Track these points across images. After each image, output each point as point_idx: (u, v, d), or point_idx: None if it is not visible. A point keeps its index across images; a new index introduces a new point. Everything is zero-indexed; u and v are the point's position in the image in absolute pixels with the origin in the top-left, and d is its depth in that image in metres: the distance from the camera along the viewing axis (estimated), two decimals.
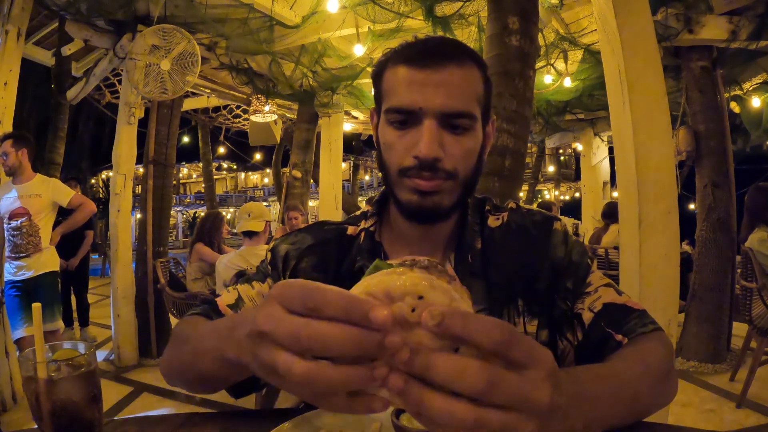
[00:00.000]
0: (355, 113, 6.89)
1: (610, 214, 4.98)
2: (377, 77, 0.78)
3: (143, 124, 4.46)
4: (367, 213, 0.86)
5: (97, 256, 10.28)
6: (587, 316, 0.75)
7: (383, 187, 0.82)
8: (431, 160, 0.69)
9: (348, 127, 7.21)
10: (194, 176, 32.06)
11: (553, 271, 0.78)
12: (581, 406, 0.48)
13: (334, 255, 0.83)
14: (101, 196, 13.54)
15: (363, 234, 0.83)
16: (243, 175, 34.60)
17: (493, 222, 0.83)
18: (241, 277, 0.88)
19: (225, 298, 0.81)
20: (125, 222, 4.23)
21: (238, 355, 0.47)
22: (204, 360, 0.58)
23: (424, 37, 0.77)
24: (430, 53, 0.72)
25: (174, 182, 7.56)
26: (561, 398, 0.39)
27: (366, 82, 5.40)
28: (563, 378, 0.43)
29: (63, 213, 3.44)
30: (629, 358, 0.66)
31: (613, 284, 0.79)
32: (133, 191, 4.69)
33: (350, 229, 0.85)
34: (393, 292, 0.36)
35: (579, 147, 7.80)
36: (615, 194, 4.77)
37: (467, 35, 3.83)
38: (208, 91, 5.74)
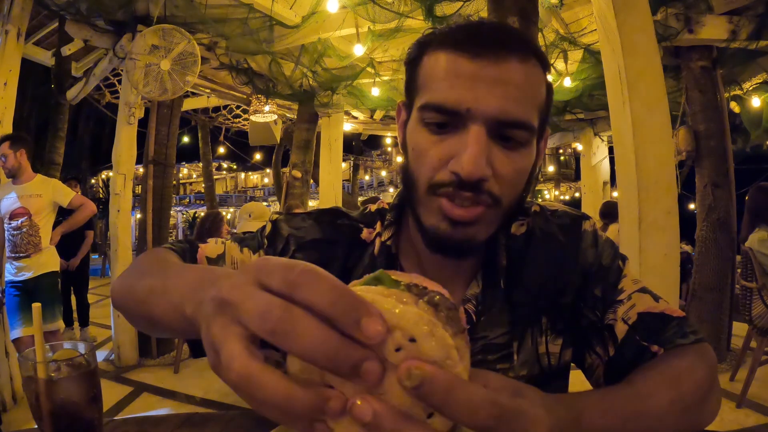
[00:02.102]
0: (355, 113, 6.90)
1: (607, 213, 4.97)
2: (413, 62, 0.63)
3: (143, 124, 4.46)
4: (383, 213, 0.73)
5: (97, 256, 10.28)
6: (620, 329, 0.65)
7: (396, 189, 0.69)
8: (475, 181, 0.55)
9: (348, 127, 7.21)
10: (194, 176, 32.04)
11: (583, 279, 0.68)
12: None
13: (341, 259, 0.71)
14: (101, 196, 13.56)
15: (378, 244, 0.70)
16: (243, 175, 34.58)
17: (517, 228, 0.71)
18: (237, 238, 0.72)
19: (208, 249, 0.72)
20: (125, 222, 4.23)
21: (194, 314, 0.40)
22: (159, 304, 0.50)
23: (477, 20, 0.63)
24: (487, 40, 0.57)
25: (174, 182, 7.56)
26: None
27: (366, 82, 5.41)
28: (561, 419, 0.41)
29: (63, 213, 3.44)
30: (657, 380, 0.57)
31: (648, 288, 0.69)
32: (133, 191, 4.69)
33: (365, 232, 0.73)
34: (385, 319, 0.30)
35: (579, 147, 7.80)
36: (615, 194, 4.77)
37: None
38: (208, 91, 5.73)
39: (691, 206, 4.46)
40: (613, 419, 0.49)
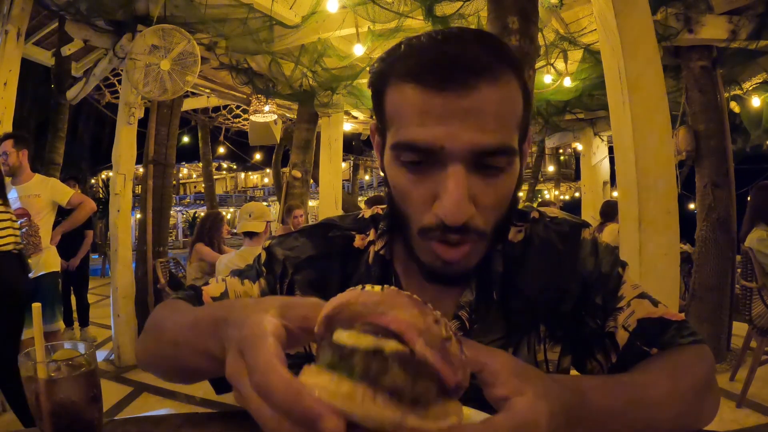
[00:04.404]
0: (355, 113, 6.89)
1: (607, 213, 4.97)
2: (377, 93, 0.60)
3: (143, 124, 4.46)
4: (377, 219, 0.73)
5: (97, 256, 10.28)
6: (621, 336, 0.65)
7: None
8: (461, 225, 0.54)
9: (348, 127, 7.21)
10: (194, 176, 32.05)
11: (582, 287, 0.68)
12: (584, 421, 0.46)
13: (338, 271, 0.71)
14: (101, 196, 13.52)
15: (371, 252, 0.70)
16: (243, 175, 34.59)
17: (514, 236, 0.70)
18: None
19: (211, 289, 0.74)
20: (125, 222, 4.23)
21: (221, 353, 0.44)
22: (185, 352, 0.54)
23: (436, 35, 0.56)
24: (451, 67, 0.52)
25: (174, 182, 7.57)
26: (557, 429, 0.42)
27: (366, 82, 5.39)
28: (564, 400, 0.44)
29: (62, 213, 3.44)
30: (655, 371, 0.58)
31: (647, 293, 0.69)
32: (133, 191, 4.69)
33: (357, 240, 0.73)
34: (341, 410, 0.32)
35: (579, 147, 7.81)
36: (615, 194, 4.77)
37: None
38: (208, 91, 5.74)
39: (691, 206, 4.46)
40: (615, 402, 0.51)
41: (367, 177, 25.61)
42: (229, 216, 21.32)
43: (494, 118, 0.53)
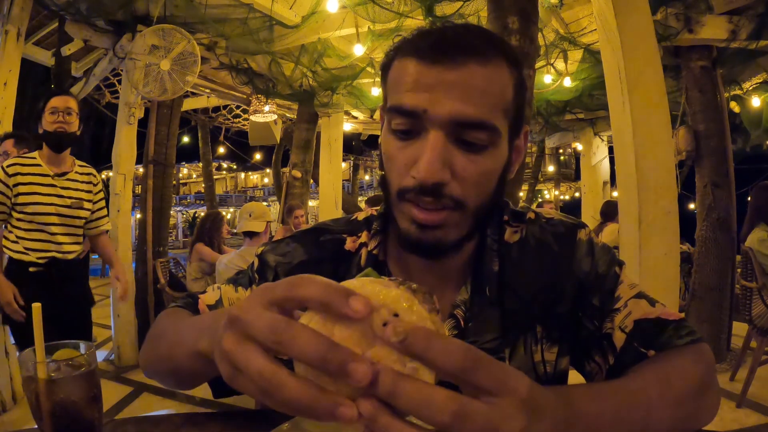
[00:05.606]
0: (355, 113, 6.89)
1: (608, 212, 4.97)
2: (385, 69, 0.65)
3: (143, 124, 4.46)
4: (370, 220, 0.74)
5: (97, 256, 10.26)
6: (618, 337, 0.66)
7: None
8: (431, 186, 0.57)
9: (348, 127, 7.21)
10: (194, 176, 32.05)
11: (579, 288, 0.69)
12: (573, 428, 0.45)
13: (330, 276, 0.72)
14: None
15: (364, 252, 0.71)
16: (243, 175, 34.60)
17: (511, 236, 0.71)
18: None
19: (207, 297, 0.76)
20: (125, 222, 4.23)
21: (208, 346, 0.46)
22: (179, 352, 0.57)
23: (443, 25, 0.63)
24: (447, 45, 0.58)
25: (174, 182, 7.57)
26: (540, 425, 0.39)
27: (366, 82, 5.41)
28: (549, 400, 0.41)
29: None
30: (647, 375, 0.59)
31: (644, 293, 0.69)
32: (133, 191, 4.69)
33: (348, 243, 0.74)
34: (370, 300, 0.35)
35: (579, 147, 7.80)
36: (615, 194, 4.77)
37: None
38: (208, 91, 5.73)
39: (691, 206, 4.46)
40: (605, 406, 0.50)
41: (367, 177, 25.61)
42: (229, 216, 21.33)
43: (478, 93, 0.57)
